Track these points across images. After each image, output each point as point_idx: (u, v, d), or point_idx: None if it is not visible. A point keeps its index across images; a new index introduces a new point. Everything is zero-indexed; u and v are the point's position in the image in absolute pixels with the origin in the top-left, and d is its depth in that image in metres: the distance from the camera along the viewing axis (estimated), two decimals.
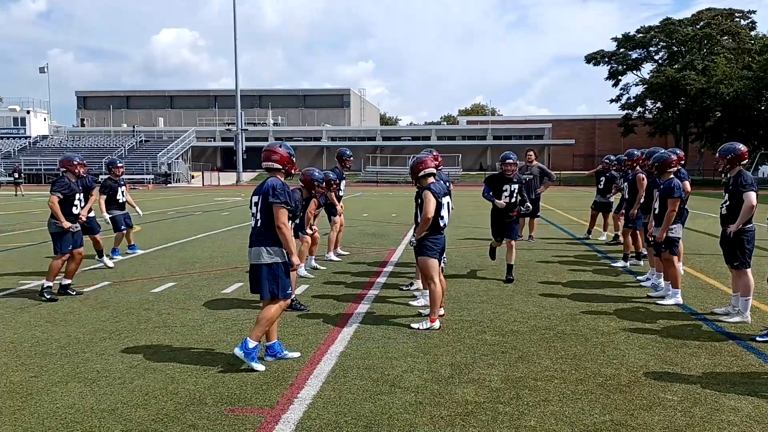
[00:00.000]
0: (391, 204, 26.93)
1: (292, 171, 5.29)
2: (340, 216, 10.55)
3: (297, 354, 5.34)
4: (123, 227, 10.70)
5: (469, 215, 20.23)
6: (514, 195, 8.80)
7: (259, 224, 5.12)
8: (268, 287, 5.09)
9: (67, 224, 7.78)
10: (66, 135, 70.59)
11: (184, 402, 4.35)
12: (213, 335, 6.01)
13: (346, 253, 11.25)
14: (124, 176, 10.99)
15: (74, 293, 7.89)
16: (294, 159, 5.36)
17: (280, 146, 5.33)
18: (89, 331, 6.14)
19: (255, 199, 5.19)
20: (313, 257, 9.71)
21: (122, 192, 10.38)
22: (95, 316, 6.75)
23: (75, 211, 7.96)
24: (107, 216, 10.37)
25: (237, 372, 4.95)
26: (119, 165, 10.55)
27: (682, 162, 8.24)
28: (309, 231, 8.50)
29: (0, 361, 5.23)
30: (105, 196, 10.28)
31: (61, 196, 7.80)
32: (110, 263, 9.83)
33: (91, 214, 9.28)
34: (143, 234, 14.79)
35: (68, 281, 8.00)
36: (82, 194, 8.21)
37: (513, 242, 8.82)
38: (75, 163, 8.05)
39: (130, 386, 4.65)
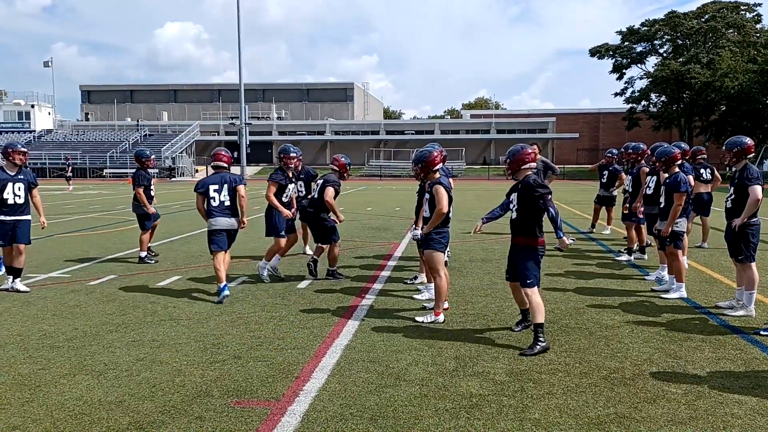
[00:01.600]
0: (394, 198, 26.94)
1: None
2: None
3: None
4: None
5: (473, 209, 20.23)
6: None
7: (227, 203, 7.40)
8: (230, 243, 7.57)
9: (152, 210, 9.88)
10: (70, 129, 70.64)
11: (190, 394, 4.38)
12: (219, 328, 6.05)
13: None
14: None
15: (153, 254, 10.15)
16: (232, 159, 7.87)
17: (224, 151, 7.71)
18: (96, 324, 6.19)
19: (216, 186, 7.41)
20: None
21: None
22: (102, 310, 6.79)
23: (152, 194, 10.05)
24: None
25: (243, 365, 4.99)
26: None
27: (703, 155, 8.16)
28: (341, 216, 8.61)
29: (8, 354, 5.28)
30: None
31: (143, 187, 9.82)
32: (23, 287, 7.73)
33: (27, 217, 7.82)
34: None
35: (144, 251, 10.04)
36: (153, 181, 10.14)
37: (527, 290, 5.50)
38: (143, 159, 10.05)
39: (137, 378, 4.68)
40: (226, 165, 7.64)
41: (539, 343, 5.28)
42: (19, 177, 7.79)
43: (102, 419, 3.97)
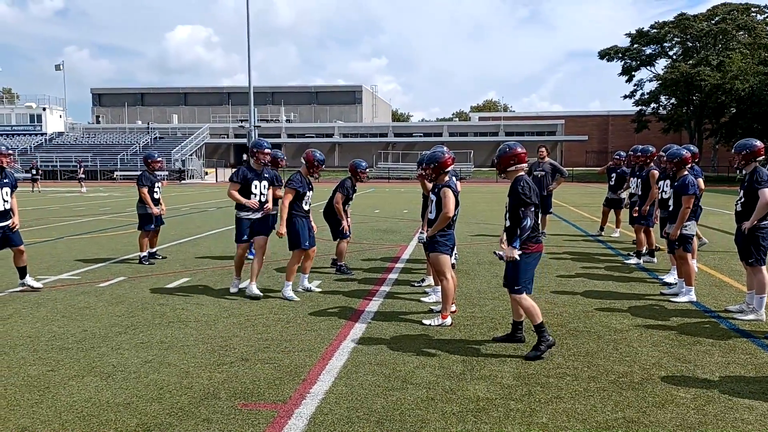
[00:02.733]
0: (402, 200, 26.92)
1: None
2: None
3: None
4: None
5: (481, 211, 20.19)
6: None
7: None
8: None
9: (156, 210, 9.95)
10: (81, 132, 71.16)
11: (198, 396, 4.40)
12: (227, 330, 6.07)
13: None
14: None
15: (160, 257, 10.38)
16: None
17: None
18: (105, 326, 6.22)
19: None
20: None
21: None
22: (111, 311, 6.83)
23: (156, 196, 10.11)
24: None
25: (250, 367, 5.00)
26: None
27: (696, 159, 8.15)
28: (345, 223, 8.91)
29: (18, 355, 5.31)
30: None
31: (147, 188, 9.92)
32: (36, 284, 7.97)
33: (10, 221, 7.65)
34: None
35: (154, 249, 10.38)
36: (159, 183, 10.27)
37: (513, 296, 5.44)
38: (149, 161, 10.16)
39: (145, 380, 4.70)
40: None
41: (544, 343, 5.22)
42: (5, 181, 7.58)
43: (110, 421, 3.99)
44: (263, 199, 7.68)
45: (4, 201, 7.56)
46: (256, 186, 7.61)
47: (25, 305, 7.12)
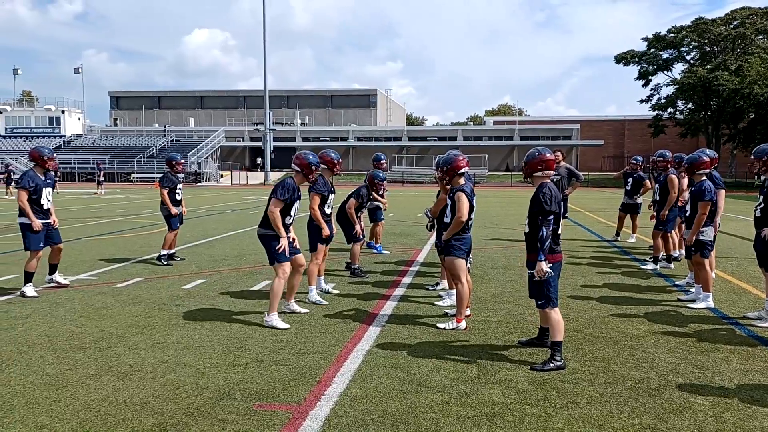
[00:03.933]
0: (416, 204, 26.89)
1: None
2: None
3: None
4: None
5: (496, 215, 20.12)
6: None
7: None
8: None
9: (175, 210, 10.13)
10: (99, 134, 71.99)
11: (213, 397, 4.42)
12: (242, 331, 6.10)
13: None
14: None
15: (179, 259, 10.43)
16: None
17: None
18: (122, 326, 6.28)
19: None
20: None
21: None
22: (128, 312, 6.89)
23: (178, 197, 10.28)
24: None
25: (265, 368, 5.02)
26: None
27: (715, 164, 8.04)
28: (358, 228, 9.10)
29: (36, 354, 5.38)
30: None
31: (168, 189, 10.08)
32: (64, 281, 8.33)
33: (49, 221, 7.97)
34: None
35: (173, 250, 10.39)
36: (181, 185, 10.42)
37: (542, 310, 5.33)
38: (173, 162, 10.32)
39: (162, 380, 4.74)
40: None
41: (554, 361, 5.04)
42: (48, 182, 8.02)
43: (127, 420, 4.03)
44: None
45: (48, 200, 7.97)
46: (296, 207, 6.45)
47: (43, 305, 7.21)
